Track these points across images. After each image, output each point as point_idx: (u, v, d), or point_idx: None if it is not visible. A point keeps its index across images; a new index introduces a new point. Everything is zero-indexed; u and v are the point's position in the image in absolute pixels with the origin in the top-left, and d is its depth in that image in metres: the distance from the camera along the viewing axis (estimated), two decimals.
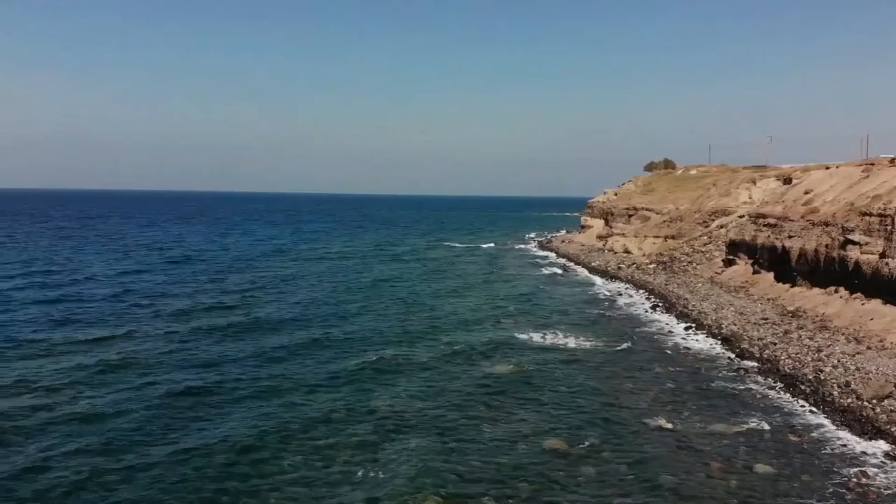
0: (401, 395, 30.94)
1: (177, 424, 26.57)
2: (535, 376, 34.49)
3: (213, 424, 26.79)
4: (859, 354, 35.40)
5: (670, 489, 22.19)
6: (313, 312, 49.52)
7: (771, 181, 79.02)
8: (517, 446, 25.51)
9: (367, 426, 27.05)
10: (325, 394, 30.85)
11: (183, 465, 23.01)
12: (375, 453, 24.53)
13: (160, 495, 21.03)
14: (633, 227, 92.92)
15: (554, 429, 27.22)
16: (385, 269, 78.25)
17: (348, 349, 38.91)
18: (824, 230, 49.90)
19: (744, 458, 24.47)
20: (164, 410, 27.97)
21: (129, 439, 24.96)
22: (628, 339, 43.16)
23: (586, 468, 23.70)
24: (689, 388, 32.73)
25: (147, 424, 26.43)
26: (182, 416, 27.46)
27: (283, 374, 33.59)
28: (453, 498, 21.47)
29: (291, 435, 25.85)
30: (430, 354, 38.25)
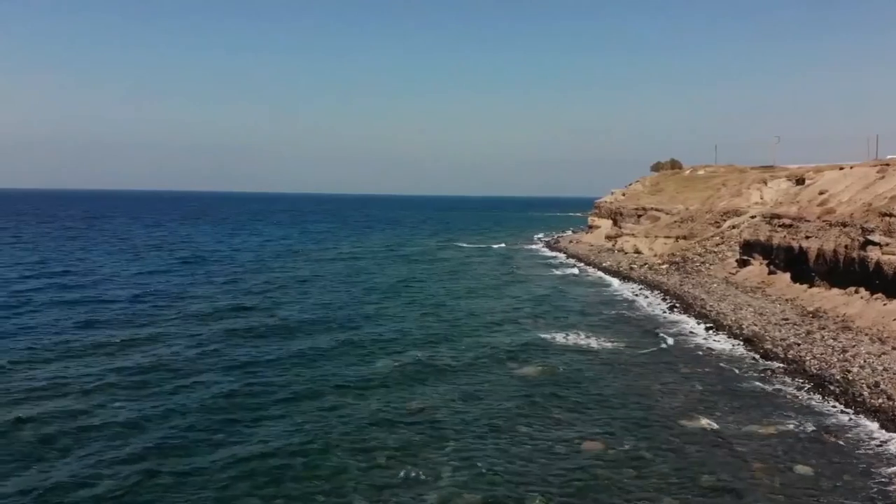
0: (433, 398, 31.13)
1: (217, 428, 26.68)
2: (564, 377, 34.70)
3: (252, 428, 26.92)
4: (885, 355, 35.61)
5: (713, 489, 22.42)
6: (335, 314, 49.70)
7: (782, 181, 79.23)
8: (555, 448, 25.69)
9: (405, 429, 27.25)
10: (359, 396, 31.00)
11: (228, 470, 23.11)
12: (416, 455, 24.69)
13: (208, 503, 21.20)
14: (644, 228, 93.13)
15: (590, 430, 27.43)
16: (399, 270, 78.44)
17: (375, 351, 39.08)
18: (842, 231, 50.11)
19: (783, 459, 24.67)
20: (202, 415, 28.09)
21: (172, 444, 25.09)
22: (651, 339, 43.40)
23: (627, 469, 23.88)
24: (719, 389, 32.93)
25: (187, 429, 26.54)
26: (220, 420, 27.58)
27: (314, 376, 33.75)
28: (499, 500, 21.70)
29: (332, 438, 26.01)
30: (456, 356, 38.44)
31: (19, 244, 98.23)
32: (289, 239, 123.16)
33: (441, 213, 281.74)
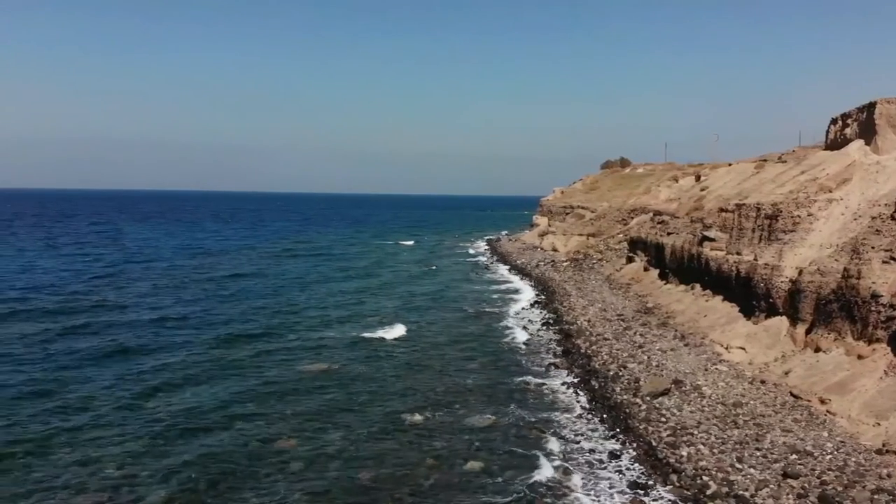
0: (181, 384, 30.82)
1: None
2: (338, 373, 33.70)
3: None
4: (672, 351, 34.73)
5: (360, 486, 21.54)
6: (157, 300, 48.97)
7: (691, 178, 78.09)
8: (249, 443, 24.75)
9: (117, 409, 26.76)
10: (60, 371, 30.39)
11: None
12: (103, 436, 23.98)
13: None
14: (565, 225, 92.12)
15: (297, 427, 26.35)
16: (302, 266, 77.64)
17: (142, 332, 38.34)
18: (695, 227, 49.11)
19: (465, 454, 23.81)
20: None
21: None
22: (475, 335, 42.62)
23: (295, 464, 23.03)
24: (482, 383, 32.05)
25: None
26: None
27: (43, 350, 33.18)
28: (138, 485, 20.93)
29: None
30: (256, 351, 37.39)
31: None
32: (216, 237, 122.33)
33: (410, 212, 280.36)
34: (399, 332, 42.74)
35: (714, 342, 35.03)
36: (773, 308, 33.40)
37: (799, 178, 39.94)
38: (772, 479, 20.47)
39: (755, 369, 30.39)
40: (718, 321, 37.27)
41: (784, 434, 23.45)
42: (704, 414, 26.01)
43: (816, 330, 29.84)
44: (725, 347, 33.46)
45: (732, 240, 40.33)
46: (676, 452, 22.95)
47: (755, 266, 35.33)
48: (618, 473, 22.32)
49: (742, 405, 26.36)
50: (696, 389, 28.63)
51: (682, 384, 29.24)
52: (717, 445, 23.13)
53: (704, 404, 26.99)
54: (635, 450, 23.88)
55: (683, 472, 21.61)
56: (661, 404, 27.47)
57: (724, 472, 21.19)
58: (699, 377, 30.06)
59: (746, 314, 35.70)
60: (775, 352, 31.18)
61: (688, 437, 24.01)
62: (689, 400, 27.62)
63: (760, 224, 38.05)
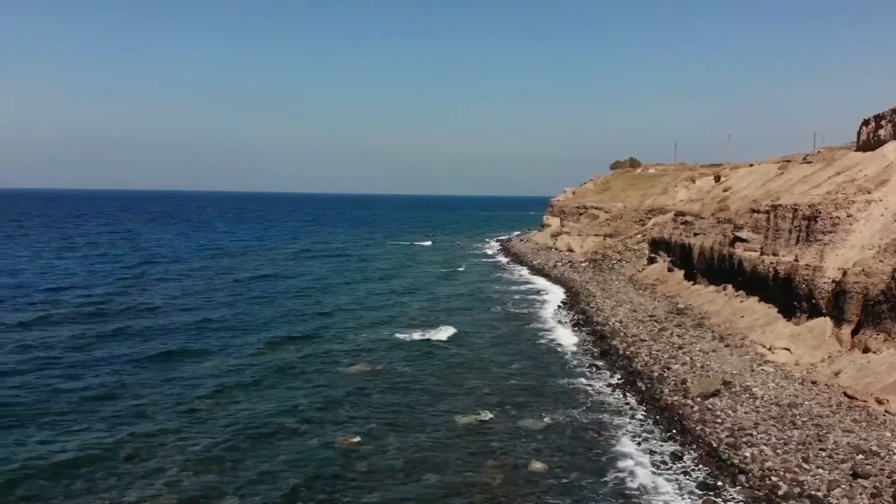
0: (217, 384, 31.04)
1: None
2: (383, 373, 33.91)
3: None
4: (714, 352, 34.83)
5: (428, 487, 21.67)
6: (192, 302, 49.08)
7: (709, 179, 78.29)
8: (308, 443, 24.93)
9: (172, 410, 26.80)
10: (116, 375, 30.68)
11: None
12: (158, 433, 24.08)
13: None
14: (579, 226, 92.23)
15: (356, 426, 26.63)
16: (319, 267, 77.79)
17: (182, 335, 38.50)
18: (724, 228, 49.24)
19: (526, 455, 23.91)
20: None
21: None
22: (509, 335, 42.77)
23: (360, 464, 23.18)
24: (528, 384, 32.18)
25: None
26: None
27: (81, 356, 34.04)
28: (204, 488, 21.03)
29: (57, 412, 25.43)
30: (295, 352, 37.55)
31: None
32: (231, 237, 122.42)
33: (418, 212, 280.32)
34: (436, 333, 42.80)
35: (755, 343, 35.14)
36: (816, 309, 33.52)
37: (835, 179, 40.08)
38: (842, 479, 20.60)
39: (802, 370, 30.51)
40: (757, 322, 37.39)
41: (846, 434, 23.56)
42: (760, 415, 26.11)
43: (864, 331, 29.96)
44: (769, 348, 33.57)
45: (768, 241, 40.42)
46: (739, 453, 23.06)
47: (796, 267, 35.44)
48: (683, 475, 22.43)
49: (797, 406, 26.48)
50: (746, 390, 28.73)
51: (731, 385, 29.35)
52: (779, 446, 23.23)
53: (758, 405, 27.09)
54: (696, 451, 23.96)
55: (750, 472, 21.73)
56: (714, 405, 27.57)
57: (792, 473, 21.30)
58: (747, 378, 30.17)
59: (786, 315, 35.81)
60: (821, 352, 31.30)
61: (747, 438, 24.11)
62: (741, 401, 27.71)
63: (798, 225, 38.17)
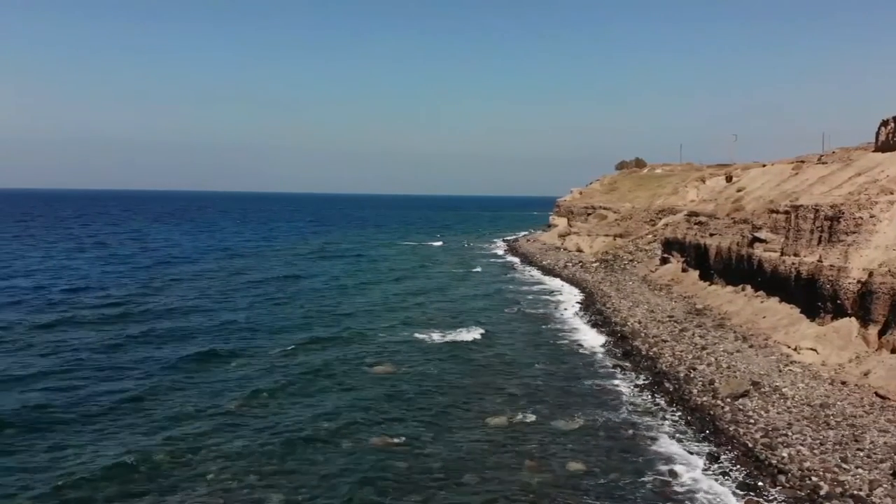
0: (243, 386, 31.15)
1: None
2: (408, 374, 34.00)
3: (19, 405, 26.44)
4: (738, 353, 34.85)
5: (470, 487, 21.71)
6: (217, 304, 49.11)
7: (720, 179, 78.29)
8: (341, 443, 25.00)
9: (203, 411, 26.89)
10: (146, 378, 31.39)
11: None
12: (193, 434, 24.14)
13: None
14: (588, 226, 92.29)
15: (389, 425, 26.72)
16: (331, 266, 77.82)
17: (207, 337, 38.66)
18: (740, 228, 49.30)
19: (562, 456, 23.95)
20: None
21: None
22: (527, 336, 42.78)
23: (399, 464, 23.21)
24: (555, 385, 32.21)
25: None
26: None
27: (115, 360, 33.83)
28: (249, 487, 21.11)
29: (99, 415, 25.82)
30: (313, 350, 37.86)
31: None
32: (238, 237, 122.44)
33: (422, 213, 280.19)
34: (458, 334, 42.87)
35: (779, 343, 35.19)
36: (841, 309, 33.56)
37: (856, 179, 40.13)
38: (883, 478, 20.65)
39: (830, 370, 30.56)
40: (780, 322, 37.44)
41: (882, 434, 23.61)
42: (793, 415, 26.15)
43: (892, 331, 30.01)
44: (794, 349, 33.61)
45: (789, 241, 40.49)
46: (776, 454, 23.09)
47: (820, 267, 35.49)
48: (722, 475, 22.47)
49: (829, 406, 26.52)
50: (776, 391, 28.76)
51: (760, 386, 29.38)
52: (816, 446, 23.28)
53: (789, 405, 27.12)
54: (732, 451, 24.00)
55: (790, 472, 21.77)
56: (745, 406, 27.59)
57: (832, 473, 21.35)
58: (776, 378, 30.20)
59: (810, 315, 35.86)
60: (848, 353, 31.35)
61: (783, 439, 24.15)
62: (772, 401, 27.75)
63: (819, 226, 38.22)
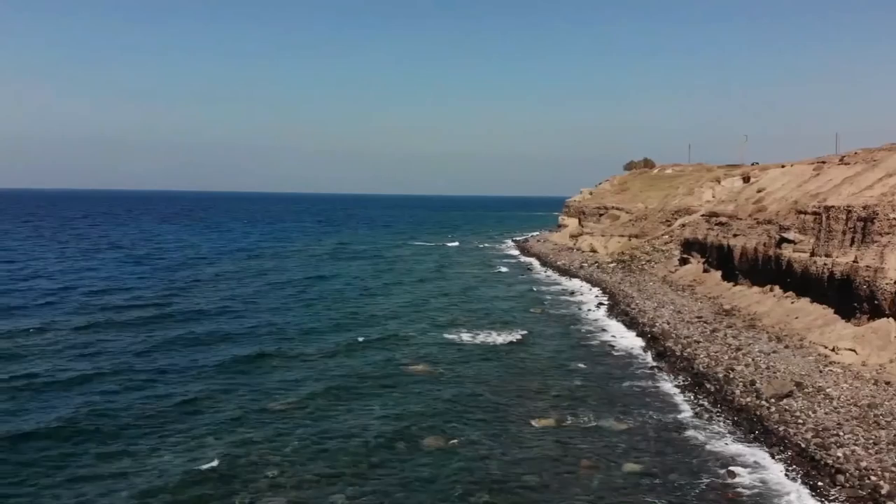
0: (291, 386, 31.30)
1: (44, 410, 26.79)
2: (445, 374, 34.09)
3: (64, 410, 26.99)
4: (775, 353, 34.94)
5: (531, 486, 21.82)
6: (245, 306, 49.19)
7: (735, 180, 78.42)
8: (394, 442, 25.15)
9: (240, 411, 27.61)
10: (204, 382, 31.42)
11: (30, 451, 23.39)
12: (241, 437, 24.52)
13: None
14: (601, 227, 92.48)
15: (439, 426, 26.80)
16: (350, 267, 77.87)
17: (255, 340, 38.99)
18: (765, 229, 49.45)
19: (617, 457, 24.03)
20: (20, 397, 28.28)
21: None
22: (557, 337, 42.87)
23: (454, 464, 23.32)
24: (594, 386, 32.31)
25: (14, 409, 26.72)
26: (35, 403, 27.83)
27: (170, 363, 34.33)
28: (313, 487, 21.21)
29: (165, 422, 25.96)
30: (339, 349, 38.34)
31: None
32: (250, 238, 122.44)
33: (427, 213, 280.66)
34: (488, 335, 42.90)
35: (815, 344, 35.27)
36: (878, 310, 33.67)
37: (887, 181, 40.24)
38: None
39: (871, 371, 30.65)
40: (814, 323, 37.56)
41: None
42: (841, 416, 26.23)
43: None
44: (832, 349, 33.71)
45: (820, 242, 40.62)
46: (831, 453, 23.17)
47: (856, 268, 35.60)
48: (778, 473, 22.60)
49: (877, 406, 26.60)
50: (819, 391, 28.84)
51: (803, 386, 29.48)
52: (870, 446, 23.35)
53: (836, 406, 27.19)
54: (785, 451, 24.09)
55: (847, 472, 21.86)
56: (790, 406, 27.67)
57: (890, 472, 21.42)
58: (817, 379, 30.29)
59: (844, 316, 35.97)
60: (889, 353, 31.46)
61: (835, 439, 24.22)
62: (817, 402, 27.82)
63: (852, 226, 38.35)
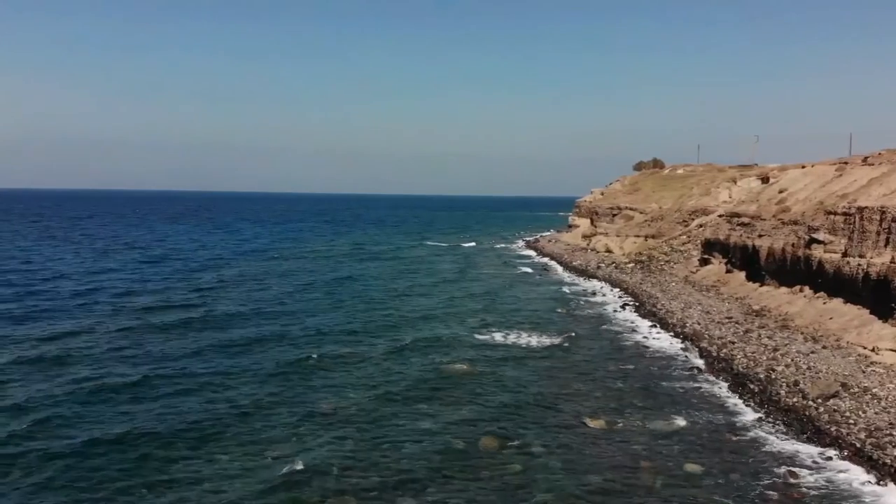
0: (341, 390, 31.13)
1: (104, 416, 26.87)
2: (486, 375, 34.19)
3: (140, 416, 26.88)
4: (814, 354, 35.10)
5: (593, 487, 21.94)
6: (274, 308, 49.30)
7: (752, 180, 78.60)
8: (450, 443, 25.29)
9: (299, 419, 27.24)
10: (261, 387, 31.07)
11: (99, 456, 23.16)
12: (303, 445, 24.52)
13: (71, 482, 21.22)
14: (616, 227, 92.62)
15: (491, 427, 26.93)
16: (367, 267, 78.02)
17: (301, 343, 38.82)
18: (792, 229, 49.59)
19: (675, 457, 24.18)
20: (94, 403, 28.27)
21: (49, 430, 25.20)
22: (590, 337, 42.93)
23: (513, 465, 23.46)
24: (638, 387, 32.43)
25: (73, 416, 26.78)
26: (111, 409, 27.67)
27: (224, 368, 33.75)
28: (372, 491, 21.30)
29: (220, 428, 26.04)
30: (381, 351, 38.17)
31: None
32: (263, 238, 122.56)
33: (432, 213, 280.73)
34: (520, 336, 43.08)
35: (853, 344, 35.44)
36: None
37: None
38: None
39: None
40: (850, 324, 37.72)
41: None
42: (891, 415, 26.37)
43: None
44: (872, 349, 33.89)
45: (853, 243, 40.79)
46: (888, 453, 23.34)
47: (893, 269, 35.79)
48: (840, 473, 22.73)
49: None
50: (866, 391, 29.00)
51: (849, 387, 29.65)
52: None
53: (885, 406, 27.33)
54: (841, 451, 24.27)
55: None
56: (838, 407, 27.84)
57: None
58: (862, 379, 30.45)
59: (881, 316, 36.12)
60: None
61: (889, 438, 24.40)
62: (865, 402, 27.97)
63: (886, 227, 38.53)
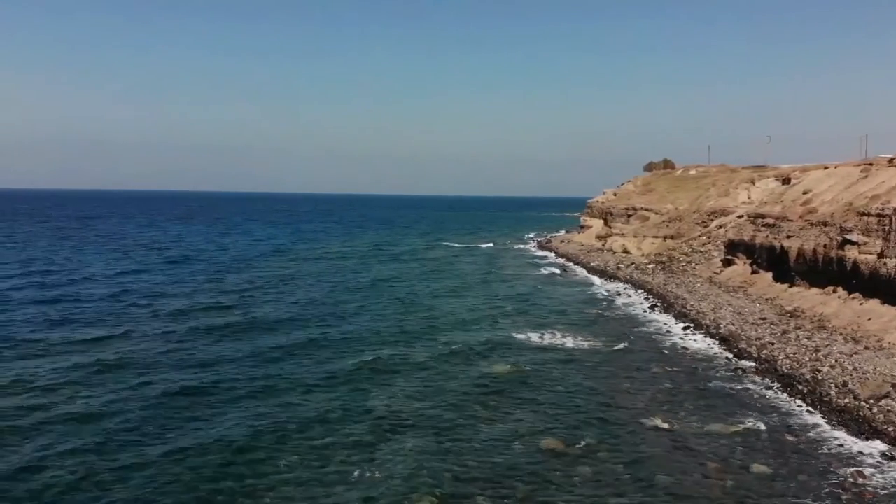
0: (398, 395, 30.95)
1: (172, 424, 26.58)
2: (533, 376, 34.46)
3: (209, 424, 26.77)
4: (857, 354, 35.37)
5: (666, 489, 22.16)
6: (310, 312, 49.57)
7: (770, 181, 78.94)
8: (513, 446, 25.49)
9: (364, 426, 27.04)
10: (321, 393, 30.84)
11: (178, 464, 23.03)
12: (371, 453, 24.51)
13: (154, 495, 21.02)
14: (633, 227, 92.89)
15: (550, 429, 27.18)
16: (385, 268, 78.24)
17: (344, 348, 39.00)
18: (822, 230, 49.88)
19: (740, 459, 24.42)
20: (160, 410, 27.99)
21: (124, 439, 25.00)
22: (626, 339, 43.16)
23: (582, 468, 23.67)
24: (687, 388, 32.69)
25: (142, 424, 26.46)
26: (178, 416, 27.44)
27: (281, 373, 33.58)
28: (449, 498, 21.47)
29: (287, 435, 25.87)
30: (428, 354, 38.23)
31: (9, 243, 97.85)
32: (279, 238, 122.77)
33: (438, 213, 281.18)
34: (555, 337, 43.38)
35: (894, 345, 35.76)
36: None
37: None
38: None
39: None
40: (890, 324, 37.99)
41: None
42: None
43: None
44: None
45: (890, 244, 41.09)
46: None
47: None
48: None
49: None
50: None
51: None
52: None
53: None
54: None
55: None
56: (892, 407, 28.17)
57: None
58: None
59: None
60: None
61: None
62: None
63: None
